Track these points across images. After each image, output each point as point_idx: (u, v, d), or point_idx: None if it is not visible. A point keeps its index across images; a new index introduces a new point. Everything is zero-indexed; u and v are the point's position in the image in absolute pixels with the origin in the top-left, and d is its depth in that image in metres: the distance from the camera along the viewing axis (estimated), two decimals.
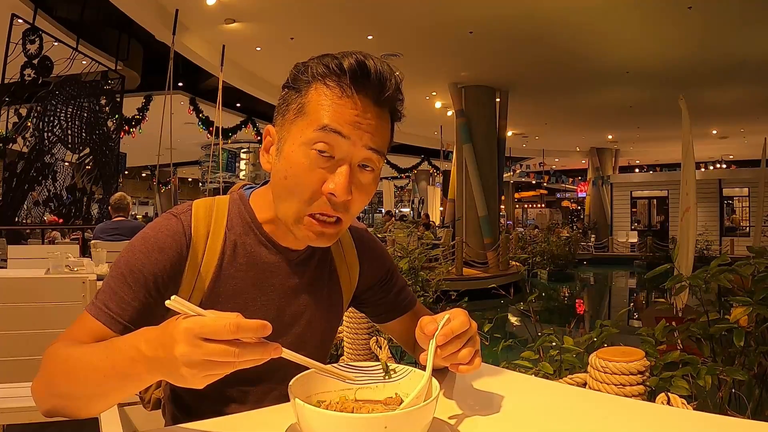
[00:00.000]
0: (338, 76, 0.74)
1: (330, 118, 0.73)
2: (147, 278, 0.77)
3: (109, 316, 0.75)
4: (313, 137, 0.74)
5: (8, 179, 6.63)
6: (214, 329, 0.54)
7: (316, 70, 0.76)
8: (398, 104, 0.80)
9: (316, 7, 7.67)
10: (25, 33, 6.68)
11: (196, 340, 0.54)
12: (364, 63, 0.74)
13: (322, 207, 0.77)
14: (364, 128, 0.74)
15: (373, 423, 0.56)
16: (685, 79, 10.31)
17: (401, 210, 26.98)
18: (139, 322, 0.76)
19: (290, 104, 0.78)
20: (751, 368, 1.69)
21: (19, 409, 1.81)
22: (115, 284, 0.77)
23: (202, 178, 20.22)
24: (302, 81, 0.77)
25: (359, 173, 0.77)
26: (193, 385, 0.57)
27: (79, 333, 0.75)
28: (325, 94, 0.75)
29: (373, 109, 0.76)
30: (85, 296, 2.39)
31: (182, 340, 0.54)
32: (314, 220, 0.78)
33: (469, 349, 0.74)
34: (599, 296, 11.97)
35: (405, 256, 4.15)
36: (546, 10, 7.62)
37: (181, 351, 0.54)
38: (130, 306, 0.76)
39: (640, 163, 25.60)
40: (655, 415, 0.77)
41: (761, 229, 9.33)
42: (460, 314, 0.75)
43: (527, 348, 1.90)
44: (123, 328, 0.75)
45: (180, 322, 0.56)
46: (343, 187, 0.74)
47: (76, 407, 0.69)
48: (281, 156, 0.78)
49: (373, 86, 0.75)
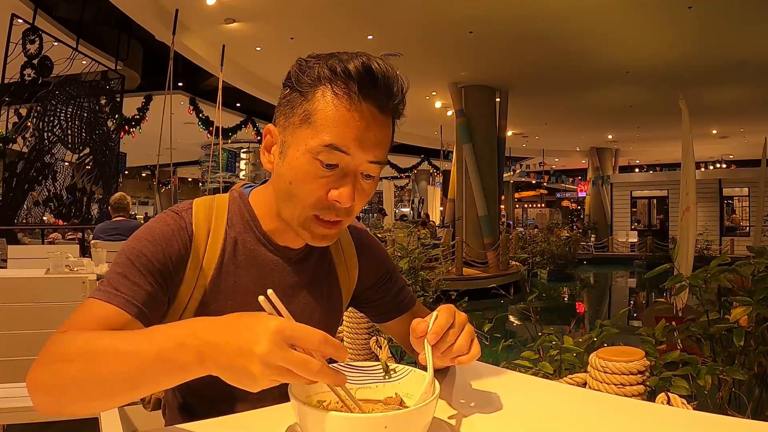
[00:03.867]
0: (345, 82, 0.74)
1: (336, 137, 0.73)
2: (154, 265, 0.77)
3: (123, 298, 0.73)
4: (318, 149, 0.74)
5: (8, 179, 6.62)
6: (303, 336, 0.54)
7: (322, 72, 0.75)
8: (401, 107, 0.80)
9: (316, 7, 7.67)
10: (25, 33, 6.68)
11: (284, 343, 0.53)
12: (370, 67, 0.74)
13: (326, 213, 0.78)
14: (369, 143, 0.75)
15: (373, 423, 0.56)
16: (685, 79, 10.31)
17: (401, 210, 26.99)
18: (151, 307, 0.75)
19: (295, 108, 0.77)
20: (751, 368, 1.69)
21: (19, 409, 1.81)
22: (123, 270, 0.76)
23: (202, 178, 20.20)
24: (307, 83, 0.76)
25: (362, 181, 0.78)
26: (251, 387, 0.55)
27: (87, 320, 0.70)
28: (333, 104, 0.74)
29: (379, 118, 0.76)
30: (84, 296, 2.38)
31: (270, 339, 0.53)
32: (319, 222, 0.79)
33: (464, 339, 0.74)
34: (599, 296, 11.96)
35: (405, 256, 4.14)
36: (546, 10, 7.62)
37: (264, 349, 0.53)
38: (142, 289, 0.75)
39: (640, 163, 25.59)
40: (655, 415, 0.77)
41: (761, 229, 9.32)
42: (446, 309, 0.76)
43: (527, 348, 1.90)
44: (138, 311, 0.73)
45: (271, 319, 0.55)
46: (348, 196, 0.76)
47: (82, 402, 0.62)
48: (285, 160, 0.78)
49: (380, 94, 0.75)
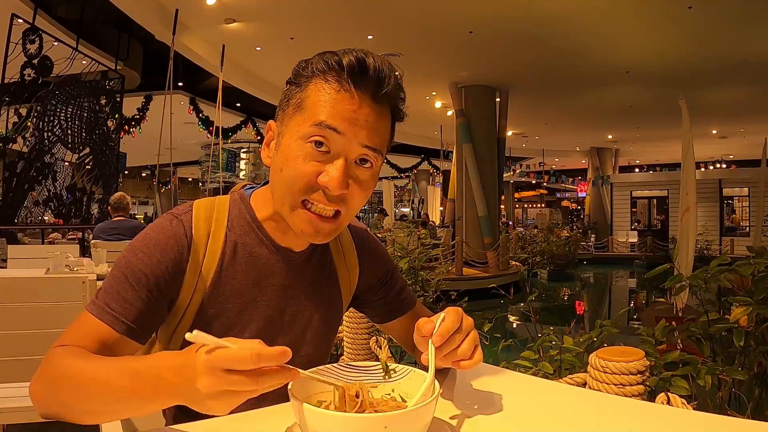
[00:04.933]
0: (337, 72, 0.75)
1: (326, 114, 0.74)
2: (149, 278, 0.77)
3: (113, 315, 0.74)
4: (309, 132, 0.74)
5: (8, 179, 6.62)
6: (235, 360, 0.53)
7: (317, 66, 0.77)
8: (399, 103, 0.80)
9: (316, 7, 7.67)
10: (25, 33, 6.66)
11: (218, 372, 0.54)
12: (363, 60, 0.75)
13: (317, 197, 0.76)
14: (361, 124, 0.74)
15: (373, 423, 0.56)
16: (685, 79, 10.30)
17: (401, 210, 26.97)
18: (141, 323, 0.76)
19: (290, 99, 0.79)
20: (751, 368, 1.69)
21: (19, 409, 1.81)
22: (117, 284, 0.77)
23: (202, 177, 20.18)
24: (303, 77, 0.78)
25: (356, 169, 0.77)
26: (217, 413, 0.57)
27: (81, 335, 0.74)
28: (323, 89, 0.75)
29: (371, 105, 0.76)
30: (85, 296, 2.38)
31: (204, 372, 0.54)
32: (311, 213, 0.77)
33: (468, 344, 0.74)
34: (599, 296, 11.96)
35: (405, 256, 4.14)
36: (546, 11, 7.62)
37: (203, 384, 0.54)
38: (133, 306, 0.76)
39: (640, 163, 25.58)
40: (655, 415, 0.77)
41: (761, 229, 9.32)
42: (454, 312, 0.75)
43: (527, 348, 1.90)
44: (127, 328, 0.75)
45: (200, 354, 0.55)
46: (337, 180, 0.74)
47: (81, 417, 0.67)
48: (279, 149, 0.79)
49: (372, 82, 0.75)
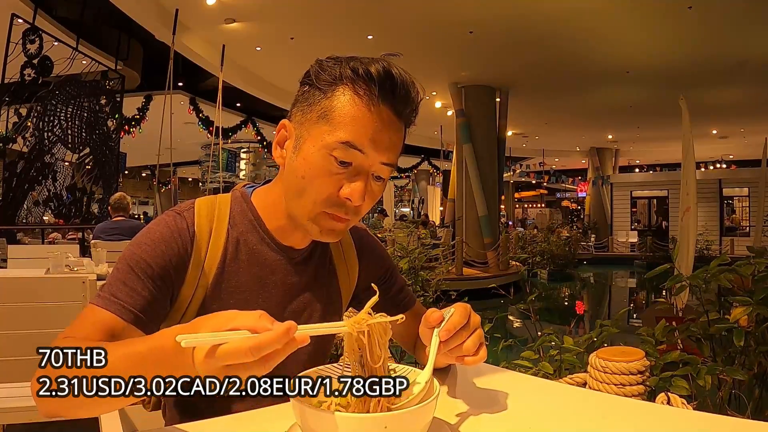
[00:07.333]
0: (366, 84, 0.76)
1: (354, 134, 0.75)
2: (154, 269, 0.78)
3: (119, 305, 0.74)
4: (334, 145, 0.76)
5: (8, 179, 6.62)
6: (233, 355, 0.52)
7: (344, 72, 0.77)
8: (414, 116, 0.83)
9: (316, 7, 7.67)
10: (25, 33, 6.67)
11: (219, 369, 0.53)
12: (391, 72, 0.76)
13: (336, 209, 0.79)
14: (384, 145, 0.77)
15: (373, 423, 0.56)
16: (685, 79, 10.30)
17: (401, 210, 26.98)
18: (148, 312, 0.76)
19: (313, 105, 0.79)
20: (751, 368, 1.69)
21: (19, 409, 1.81)
22: (122, 275, 0.77)
23: (202, 177, 20.18)
24: (327, 81, 0.78)
25: (372, 182, 0.80)
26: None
27: (85, 328, 0.72)
28: (352, 102, 0.76)
29: (396, 123, 0.79)
30: (85, 296, 2.38)
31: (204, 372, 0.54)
32: (327, 217, 0.80)
33: (474, 341, 0.74)
34: (599, 296, 11.96)
35: (405, 256, 4.14)
36: (546, 11, 7.62)
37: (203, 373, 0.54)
38: (139, 295, 0.76)
39: (640, 163, 25.58)
40: (655, 415, 0.77)
41: (761, 229, 9.32)
42: (462, 308, 0.76)
43: (527, 348, 1.90)
44: (134, 317, 0.74)
45: (196, 355, 0.54)
46: (359, 194, 0.77)
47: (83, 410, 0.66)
48: (299, 154, 0.79)
49: (398, 100, 0.78)
